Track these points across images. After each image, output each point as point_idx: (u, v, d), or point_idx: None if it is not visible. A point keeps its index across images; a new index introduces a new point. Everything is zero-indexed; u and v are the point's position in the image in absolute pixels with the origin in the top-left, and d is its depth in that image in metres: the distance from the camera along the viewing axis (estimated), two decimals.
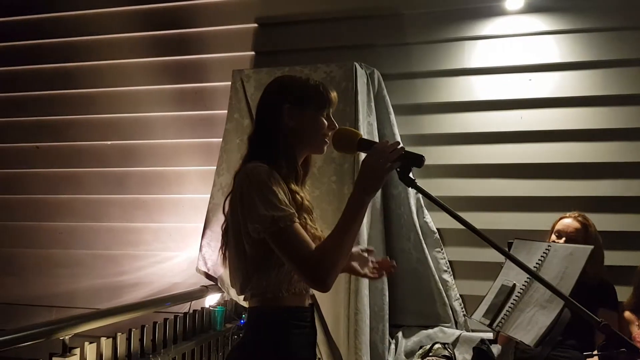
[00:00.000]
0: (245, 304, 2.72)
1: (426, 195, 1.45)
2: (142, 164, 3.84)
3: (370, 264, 1.78)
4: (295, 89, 1.60)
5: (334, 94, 1.61)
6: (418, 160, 1.46)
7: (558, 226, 2.66)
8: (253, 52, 3.61)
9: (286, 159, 1.54)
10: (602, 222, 2.83)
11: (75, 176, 3.96)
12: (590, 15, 3.10)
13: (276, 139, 1.55)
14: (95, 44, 3.92)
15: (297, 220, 1.45)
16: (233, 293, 2.96)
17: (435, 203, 1.44)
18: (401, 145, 1.46)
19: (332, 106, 1.61)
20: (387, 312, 2.92)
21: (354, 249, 1.76)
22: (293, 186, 1.54)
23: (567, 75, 3.13)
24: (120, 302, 3.46)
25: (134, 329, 2.36)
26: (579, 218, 2.66)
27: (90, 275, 3.84)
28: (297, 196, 1.53)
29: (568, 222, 2.65)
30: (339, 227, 1.43)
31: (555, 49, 3.15)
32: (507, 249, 2.27)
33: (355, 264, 1.76)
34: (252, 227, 1.45)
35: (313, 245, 1.43)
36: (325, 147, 1.61)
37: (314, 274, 1.41)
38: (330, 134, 1.59)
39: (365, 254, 1.78)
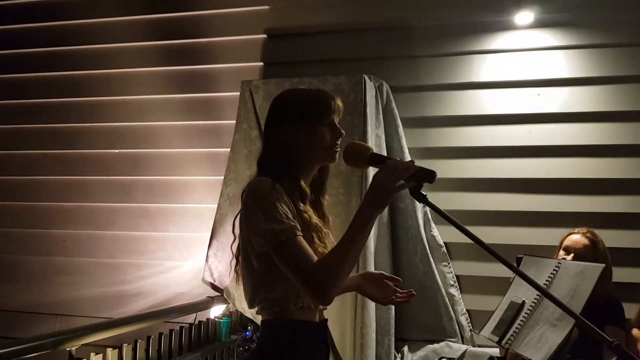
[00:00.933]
0: (251, 316, 2.72)
1: (436, 210, 1.46)
2: (148, 173, 3.85)
3: (390, 293, 1.75)
4: (291, 103, 1.61)
5: (337, 101, 1.61)
6: (430, 176, 1.47)
7: (566, 242, 2.65)
8: (262, 63, 3.63)
9: (288, 176, 1.55)
10: (611, 238, 2.82)
11: (81, 184, 3.97)
12: (600, 30, 3.11)
13: (277, 157, 1.57)
14: (104, 52, 3.95)
15: (299, 233, 1.45)
16: (239, 304, 2.97)
17: (445, 218, 1.44)
18: (415, 163, 1.46)
19: (336, 113, 1.61)
20: (393, 325, 2.92)
21: (375, 272, 1.77)
22: (300, 204, 1.54)
23: (576, 91, 3.13)
24: (124, 312, 3.47)
25: (139, 340, 2.36)
26: (588, 234, 2.64)
27: (93, 283, 3.84)
28: (305, 214, 1.53)
29: (577, 238, 2.64)
30: (344, 239, 1.44)
31: (564, 64, 3.16)
32: (515, 265, 2.26)
33: (372, 290, 1.75)
34: (254, 241, 1.47)
35: (315, 258, 1.44)
36: (337, 155, 1.62)
37: (315, 287, 1.42)
38: (339, 141, 1.60)
39: (390, 283, 1.75)
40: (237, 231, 1.59)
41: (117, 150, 3.93)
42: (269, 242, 1.44)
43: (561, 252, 2.64)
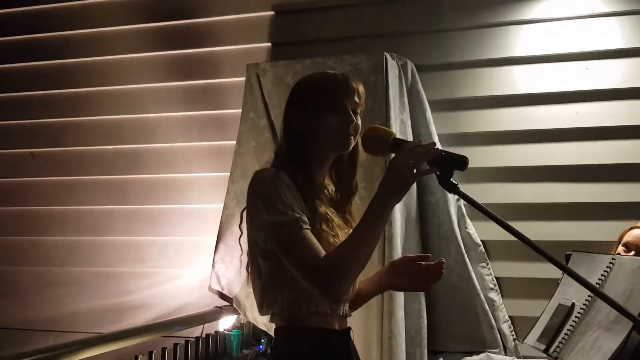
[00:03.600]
0: (265, 327, 2.73)
1: (470, 202, 1.45)
2: (146, 171, 3.88)
3: (423, 275, 1.70)
4: (299, 88, 1.65)
5: (353, 83, 1.61)
6: (460, 162, 1.46)
7: (627, 237, 2.63)
8: (269, 44, 3.63)
9: (296, 166, 1.57)
10: None
11: (73, 185, 4.01)
12: None
13: (287, 146, 1.61)
14: (94, 37, 3.98)
15: (305, 225, 1.46)
16: (250, 314, 2.98)
17: (482, 211, 1.44)
18: (437, 146, 1.46)
19: (349, 96, 1.60)
20: (426, 336, 2.90)
21: (397, 260, 1.75)
22: (308, 195, 1.55)
23: (631, 64, 3.08)
24: (124, 326, 3.49)
25: (140, 356, 2.38)
26: None
27: (90, 295, 3.88)
28: (311, 203, 1.54)
29: (639, 233, 2.61)
30: (355, 232, 1.45)
31: (617, 33, 3.10)
32: (564, 263, 2.24)
33: (402, 280, 1.72)
34: (257, 236, 1.49)
35: (322, 253, 1.44)
36: (349, 144, 1.61)
37: (321, 283, 1.43)
38: (349, 128, 1.59)
39: (422, 263, 1.71)
40: (244, 225, 1.60)
41: (111, 147, 3.96)
42: (271, 236, 1.46)
43: (620, 249, 2.63)
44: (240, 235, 1.63)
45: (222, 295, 3.08)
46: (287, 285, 1.51)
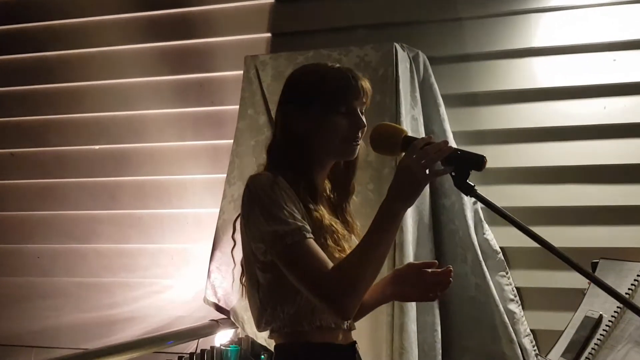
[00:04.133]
0: (265, 342, 2.74)
1: (490, 206, 1.45)
2: (136, 173, 3.89)
3: (431, 284, 1.72)
4: (302, 83, 1.63)
5: (362, 82, 1.62)
6: (477, 161, 1.46)
7: None
8: (270, 34, 3.64)
9: (296, 169, 1.57)
10: None
11: (56, 188, 4.02)
12: None
13: (285, 148, 1.60)
14: (78, 27, 3.99)
15: (308, 234, 1.46)
16: (249, 328, 2.98)
17: (501, 215, 1.44)
18: (452, 144, 1.46)
19: (359, 97, 1.61)
20: (440, 351, 2.91)
21: (403, 267, 1.75)
22: (310, 203, 1.55)
23: None
24: (112, 341, 3.50)
25: None
26: None
27: (75, 308, 3.89)
28: (315, 213, 1.54)
29: None
30: (364, 241, 1.45)
31: None
32: (591, 271, 2.23)
33: (409, 290, 1.73)
34: (256, 248, 1.49)
35: (329, 264, 1.44)
36: (356, 151, 1.62)
37: (329, 296, 1.43)
38: (359, 134, 1.60)
39: (428, 270, 1.72)
40: (238, 235, 1.60)
41: (98, 146, 3.97)
42: (272, 248, 1.46)
43: None
44: (234, 247, 1.63)
45: (218, 308, 3.09)
46: (288, 299, 1.51)
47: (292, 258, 1.45)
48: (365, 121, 1.59)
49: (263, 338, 2.94)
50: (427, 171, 1.43)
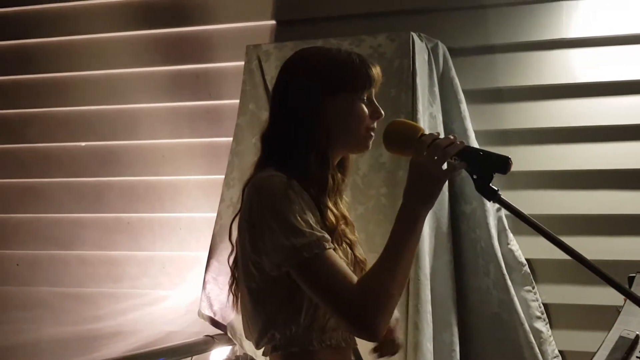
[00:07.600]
0: None
1: (514, 212, 1.45)
2: (125, 173, 3.90)
3: None
4: (319, 63, 1.62)
5: (376, 69, 1.62)
6: (502, 163, 1.47)
7: None
8: (274, 22, 3.65)
9: (309, 164, 1.56)
10: None
11: (38, 189, 4.04)
12: None
13: (295, 137, 1.58)
14: (63, 12, 4.00)
15: (328, 245, 1.46)
16: (247, 345, 2.99)
17: (528, 223, 1.44)
18: (472, 143, 1.47)
19: (375, 85, 1.61)
20: None
21: None
22: (324, 200, 1.55)
23: None
24: (98, 357, 3.51)
25: None
26: None
27: (57, 320, 3.90)
28: (330, 214, 1.54)
29: None
30: (389, 250, 1.45)
31: None
32: (627, 286, 2.23)
33: None
34: (267, 261, 1.47)
35: (354, 277, 1.44)
36: (371, 142, 1.62)
37: (357, 318, 1.43)
38: (374, 124, 1.60)
39: None
40: (235, 238, 1.60)
41: (84, 144, 3.99)
42: (288, 261, 1.44)
43: None
44: (231, 253, 1.63)
45: (214, 322, 3.10)
46: (298, 317, 1.50)
47: (312, 273, 1.44)
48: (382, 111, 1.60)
49: (264, 358, 2.95)
50: (443, 166, 1.44)
